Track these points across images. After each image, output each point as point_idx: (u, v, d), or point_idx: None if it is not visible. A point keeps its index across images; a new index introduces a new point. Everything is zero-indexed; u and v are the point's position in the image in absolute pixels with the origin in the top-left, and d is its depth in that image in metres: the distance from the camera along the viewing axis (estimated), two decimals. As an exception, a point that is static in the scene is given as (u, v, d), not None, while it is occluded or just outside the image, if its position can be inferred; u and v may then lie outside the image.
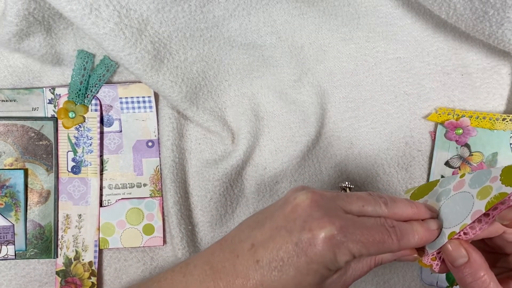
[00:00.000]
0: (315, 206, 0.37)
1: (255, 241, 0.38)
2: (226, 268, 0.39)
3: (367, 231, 0.37)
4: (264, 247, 0.37)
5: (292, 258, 0.36)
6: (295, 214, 0.38)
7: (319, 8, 0.55)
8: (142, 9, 0.48)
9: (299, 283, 0.37)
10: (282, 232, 0.37)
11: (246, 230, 0.40)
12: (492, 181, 0.38)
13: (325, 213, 0.37)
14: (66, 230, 0.55)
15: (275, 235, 0.37)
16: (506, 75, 0.57)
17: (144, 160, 0.56)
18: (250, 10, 0.54)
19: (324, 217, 0.36)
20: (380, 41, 0.57)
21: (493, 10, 0.47)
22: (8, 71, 0.55)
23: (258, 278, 0.37)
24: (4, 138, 0.55)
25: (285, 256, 0.36)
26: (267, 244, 0.37)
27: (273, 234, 0.38)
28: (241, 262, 0.38)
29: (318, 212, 0.37)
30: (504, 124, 0.54)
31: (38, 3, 0.49)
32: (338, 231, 0.36)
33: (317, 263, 0.36)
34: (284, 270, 0.36)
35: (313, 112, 0.57)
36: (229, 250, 0.40)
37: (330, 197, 0.39)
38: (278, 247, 0.37)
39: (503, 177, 0.37)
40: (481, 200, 0.38)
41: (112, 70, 0.55)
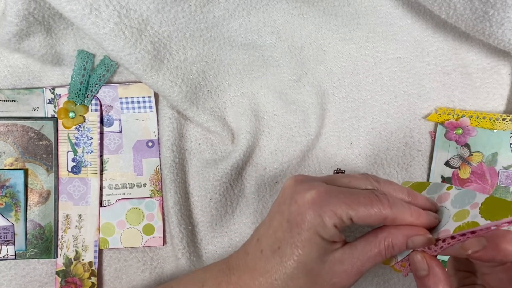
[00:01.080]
0: (299, 182, 0.39)
1: (259, 235, 0.40)
2: (239, 265, 0.41)
3: (352, 195, 0.37)
4: (265, 236, 0.39)
5: (287, 234, 0.37)
6: (284, 196, 0.40)
7: (319, 8, 0.55)
8: (142, 9, 0.48)
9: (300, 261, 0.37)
10: (277, 216, 0.39)
11: (255, 231, 0.42)
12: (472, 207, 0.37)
13: (307, 186, 0.38)
14: (66, 230, 0.56)
15: (272, 222, 0.40)
16: (506, 75, 0.57)
17: (144, 160, 0.56)
18: (250, 10, 0.54)
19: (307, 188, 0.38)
20: (380, 41, 0.57)
21: (493, 10, 0.47)
22: (8, 71, 0.55)
23: (263, 266, 0.38)
24: (4, 138, 0.55)
25: (281, 235, 0.38)
26: (267, 233, 0.39)
27: (271, 222, 0.40)
28: (250, 258, 0.40)
29: (302, 185, 0.39)
30: (504, 124, 0.54)
31: (38, 3, 0.49)
32: (320, 195, 0.37)
33: (307, 230, 0.36)
34: (283, 250, 0.37)
35: (313, 112, 0.57)
36: (242, 250, 0.42)
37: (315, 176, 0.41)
38: (274, 230, 0.39)
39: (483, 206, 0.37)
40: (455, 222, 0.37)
41: (112, 70, 0.55)
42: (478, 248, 0.35)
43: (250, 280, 0.39)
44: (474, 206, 0.37)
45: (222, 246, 0.58)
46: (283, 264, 0.37)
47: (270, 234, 0.39)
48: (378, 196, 0.37)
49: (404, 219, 0.37)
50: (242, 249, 0.42)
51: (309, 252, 0.37)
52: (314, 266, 0.37)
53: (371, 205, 0.36)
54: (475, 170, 0.56)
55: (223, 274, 0.42)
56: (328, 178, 0.41)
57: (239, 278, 0.40)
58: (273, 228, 0.39)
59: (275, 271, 0.38)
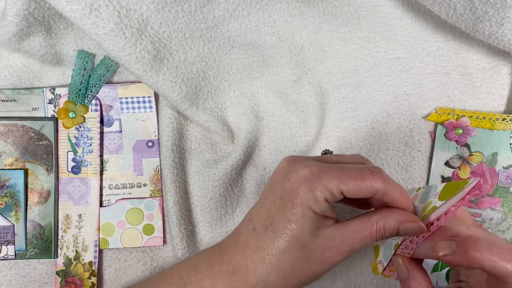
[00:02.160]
0: (292, 162, 0.40)
1: (251, 215, 0.41)
2: (231, 246, 0.41)
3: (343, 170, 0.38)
4: (258, 215, 0.40)
5: (280, 210, 0.38)
6: (276, 176, 0.40)
7: (319, 8, 0.55)
8: (142, 9, 0.48)
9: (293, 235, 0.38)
10: (269, 195, 0.40)
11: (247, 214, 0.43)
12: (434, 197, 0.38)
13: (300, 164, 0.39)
14: (66, 230, 0.56)
15: (264, 201, 0.40)
16: (506, 75, 0.57)
17: (144, 160, 0.56)
18: (250, 10, 0.54)
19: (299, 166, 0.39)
20: (380, 41, 0.57)
21: (493, 10, 0.47)
22: (8, 71, 0.55)
23: (255, 243, 0.39)
24: (4, 138, 0.55)
25: (274, 212, 0.39)
26: (259, 212, 0.40)
27: (263, 201, 0.41)
28: (242, 237, 0.41)
29: (295, 164, 0.39)
30: (504, 124, 0.54)
31: (38, 3, 0.49)
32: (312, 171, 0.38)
33: (300, 205, 0.37)
34: (275, 225, 0.38)
35: (313, 112, 0.57)
36: (234, 233, 0.43)
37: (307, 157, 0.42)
38: (267, 208, 0.39)
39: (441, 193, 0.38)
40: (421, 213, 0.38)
41: (112, 70, 0.55)
42: (448, 251, 0.35)
43: (243, 258, 0.39)
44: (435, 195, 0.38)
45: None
46: (276, 239, 0.38)
47: (263, 212, 0.40)
48: (371, 170, 0.38)
49: (394, 196, 0.38)
50: (234, 232, 0.43)
51: (301, 227, 0.38)
52: (306, 241, 0.38)
53: (362, 179, 0.37)
54: (475, 170, 0.56)
55: (215, 256, 0.42)
56: (320, 158, 0.42)
57: (231, 257, 0.40)
58: (266, 206, 0.40)
59: (267, 246, 0.38)
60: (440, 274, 0.56)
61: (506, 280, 0.34)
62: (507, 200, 0.55)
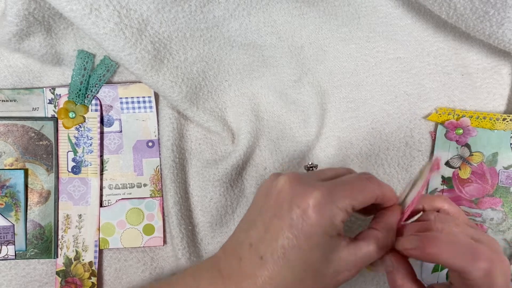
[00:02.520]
0: (295, 184, 0.38)
1: (252, 240, 0.39)
2: (233, 271, 0.39)
3: (349, 185, 0.38)
4: (263, 242, 0.38)
5: (292, 241, 0.37)
6: (280, 199, 0.38)
7: (320, 8, 0.55)
8: (142, 9, 0.48)
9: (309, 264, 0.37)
10: (274, 221, 0.38)
11: (241, 233, 0.41)
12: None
13: (306, 186, 0.38)
14: (66, 230, 0.55)
15: (269, 227, 0.38)
16: (507, 75, 0.57)
17: (144, 160, 0.56)
18: (251, 10, 0.54)
19: (306, 190, 0.37)
20: (380, 41, 0.57)
21: (493, 10, 0.47)
22: (8, 71, 0.55)
23: (266, 274, 0.37)
24: (4, 138, 0.55)
25: (285, 242, 0.37)
26: (264, 239, 0.38)
27: (267, 227, 0.38)
28: (245, 263, 0.38)
29: (299, 187, 0.38)
30: (504, 124, 0.54)
31: (38, 3, 0.49)
32: (324, 196, 0.37)
33: (316, 234, 0.36)
34: (289, 256, 0.37)
35: (313, 112, 0.57)
36: (232, 255, 0.40)
37: (306, 175, 0.41)
38: (275, 237, 0.37)
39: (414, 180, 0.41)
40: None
41: (113, 70, 0.55)
42: (409, 246, 0.37)
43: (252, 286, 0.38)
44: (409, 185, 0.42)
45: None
46: (291, 269, 0.37)
47: (269, 240, 0.38)
48: (367, 178, 0.39)
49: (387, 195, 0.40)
50: (232, 253, 0.41)
51: (317, 254, 0.37)
52: (321, 267, 0.37)
53: (365, 189, 0.39)
54: (476, 170, 0.56)
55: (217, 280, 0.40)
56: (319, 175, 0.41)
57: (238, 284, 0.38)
58: (272, 233, 0.37)
59: (281, 277, 0.37)
60: (440, 274, 0.56)
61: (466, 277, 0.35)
62: (508, 200, 0.55)
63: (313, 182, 0.39)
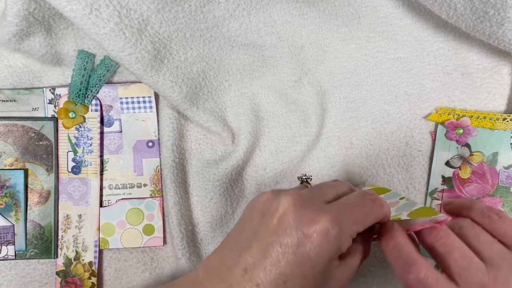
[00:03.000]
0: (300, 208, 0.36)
1: (247, 265, 0.36)
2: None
3: (356, 209, 0.37)
4: (260, 268, 0.35)
5: (296, 269, 0.35)
6: (284, 224, 0.36)
7: (320, 8, 0.55)
8: (142, 9, 0.48)
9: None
10: (276, 248, 0.35)
11: (231, 255, 0.37)
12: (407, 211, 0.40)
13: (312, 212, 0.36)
14: (66, 230, 0.55)
15: (269, 253, 0.35)
16: (507, 75, 0.57)
17: (144, 160, 0.56)
18: (251, 10, 0.54)
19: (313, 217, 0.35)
20: (380, 41, 0.57)
21: (493, 10, 0.47)
22: (9, 71, 0.55)
23: None
24: (4, 138, 0.55)
25: (287, 270, 0.35)
26: (262, 265, 0.35)
27: (267, 252, 0.35)
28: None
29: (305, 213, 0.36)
30: (504, 124, 0.54)
31: (38, 3, 0.49)
32: (332, 223, 0.35)
33: (323, 262, 0.35)
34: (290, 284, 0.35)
35: (313, 112, 0.57)
36: (220, 280, 0.37)
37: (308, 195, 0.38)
38: (276, 263, 0.35)
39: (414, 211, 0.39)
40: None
41: (113, 70, 0.55)
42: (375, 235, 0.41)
43: None
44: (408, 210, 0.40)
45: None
46: None
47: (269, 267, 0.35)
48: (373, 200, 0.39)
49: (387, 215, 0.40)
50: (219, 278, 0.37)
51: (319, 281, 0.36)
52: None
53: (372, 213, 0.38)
54: (476, 170, 0.56)
55: None
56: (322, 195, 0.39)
57: None
58: (273, 260, 0.35)
59: None
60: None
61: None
62: (508, 200, 0.55)
63: (319, 206, 0.37)
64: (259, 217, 0.38)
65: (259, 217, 0.37)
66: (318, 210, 0.36)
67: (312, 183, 0.46)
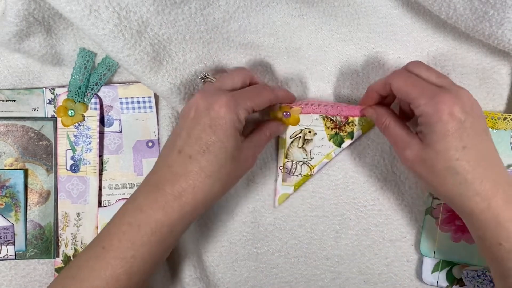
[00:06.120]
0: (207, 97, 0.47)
1: (179, 147, 0.46)
2: (166, 178, 0.46)
3: (249, 92, 0.49)
4: (189, 144, 0.46)
5: (212, 136, 0.45)
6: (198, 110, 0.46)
7: (319, 9, 0.55)
8: (142, 11, 0.48)
9: (227, 152, 0.46)
10: (196, 127, 0.46)
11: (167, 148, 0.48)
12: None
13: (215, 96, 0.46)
14: (65, 228, 0.56)
15: (192, 132, 0.46)
16: (506, 75, 0.57)
17: (144, 160, 0.56)
18: (250, 12, 0.54)
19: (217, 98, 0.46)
20: (380, 41, 0.56)
21: (493, 10, 0.47)
22: (8, 71, 0.55)
23: (196, 167, 0.45)
24: (4, 138, 0.55)
25: (207, 139, 0.45)
26: (190, 142, 0.46)
27: (189, 133, 0.46)
28: (177, 167, 0.46)
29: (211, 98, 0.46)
30: (505, 123, 0.54)
31: (38, 4, 0.49)
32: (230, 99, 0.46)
33: (229, 128, 0.46)
34: (212, 148, 0.45)
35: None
36: (162, 168, 0.47)
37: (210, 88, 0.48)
38: (198, 137, 0.46)
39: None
40: None
41: (114, 69, 0.55)
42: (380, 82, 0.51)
43: (186, 182, 0.45)
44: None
45: (222, 245, 0.58)
46: (215, 158, 0.45)
47: (193, 142, 0.46)
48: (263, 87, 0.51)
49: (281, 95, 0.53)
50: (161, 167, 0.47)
51: (232, 144, 0.46)
52: (235, 153, 0.47)
53: (261, 94, 0.49)
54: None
55: (153, 192, 0.46)
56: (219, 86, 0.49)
57: (173, 186, 0.45)
58: (195, 136, 0.46)
59: (209, 166, 0.45)
60: (440, 274, 0.56)
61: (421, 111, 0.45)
62: (507, 200, 0.55)
63: (220, 92, 0.47)
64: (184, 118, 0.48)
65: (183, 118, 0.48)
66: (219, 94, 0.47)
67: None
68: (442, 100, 0.43)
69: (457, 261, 0.56)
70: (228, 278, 0.58)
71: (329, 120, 0.56)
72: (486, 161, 0.44)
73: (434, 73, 0.47)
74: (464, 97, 0.44)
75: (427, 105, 0.44)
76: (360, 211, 0.58)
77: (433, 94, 0.44)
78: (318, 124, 0.56)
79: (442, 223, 0.55)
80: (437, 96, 0.44)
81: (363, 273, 0.58)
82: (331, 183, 0.58)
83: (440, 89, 0.44)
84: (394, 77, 0.48)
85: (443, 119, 0.43)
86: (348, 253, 0.58)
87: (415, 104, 0.45)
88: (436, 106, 0.43)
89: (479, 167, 0.43)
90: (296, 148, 0.56)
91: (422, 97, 0.44)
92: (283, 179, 0.57)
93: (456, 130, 0.43)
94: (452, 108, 0.43)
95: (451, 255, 0.55)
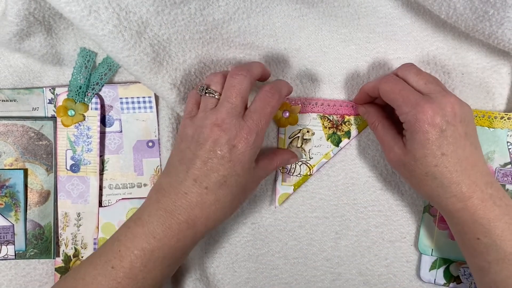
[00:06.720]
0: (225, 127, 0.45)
1: (194, 176, 0.46)
2: (181, 205, 0.46)
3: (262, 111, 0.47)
4: (205, 174, 0.46)
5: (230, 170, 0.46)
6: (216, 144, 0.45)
7: (319, 9, 0.55)
8: (142, 12, 0.48)
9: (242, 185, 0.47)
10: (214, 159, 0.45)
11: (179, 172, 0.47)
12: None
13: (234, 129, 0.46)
14: (65, 228, 0.56)
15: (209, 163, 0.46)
16: (506, 74, 0.57)
17: (145, 160, 0.56)
18: (250, 13, 0.54)
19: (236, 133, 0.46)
20: (380, 42, 0.56)
21: (493, 10, 0.47)
22: (9, 71, 0.55)
23: (212, 198, 0.46)
24: (4, 138, 0.55)
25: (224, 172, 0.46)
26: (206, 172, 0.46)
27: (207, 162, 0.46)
28: (192, 196, 0.46)
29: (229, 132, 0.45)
30: (502, 122, 0.55)
31: (38, 3, 0.49)
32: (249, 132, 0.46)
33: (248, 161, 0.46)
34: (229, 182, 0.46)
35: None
36: (174, 192, 0.47)
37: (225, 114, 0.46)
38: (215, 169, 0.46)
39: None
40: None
41: (115, 69, 0.55)
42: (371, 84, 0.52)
43: (201, 212, 0.46)
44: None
45: (222, 246, 0.58)
46: (231, 190, 0.47)
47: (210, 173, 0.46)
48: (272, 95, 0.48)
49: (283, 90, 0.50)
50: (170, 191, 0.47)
51: (247, 178, 0.47)
52: (247, 185, 0.49)
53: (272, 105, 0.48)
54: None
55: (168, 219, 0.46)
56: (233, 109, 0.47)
57: (188, 215, 0.46)
58: (212, 168, 0.45)
59: (224, 198, 0.46)
60: (438, 271, 0.56)
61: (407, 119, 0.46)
62: (506, 200, 0.55)
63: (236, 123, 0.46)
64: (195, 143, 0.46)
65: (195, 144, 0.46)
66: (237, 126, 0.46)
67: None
68: (423, 110, 0.45)
69: (454, 259, 0.56)
70: (228, 279, 0.58)
71: (326, 119, 0.56)
72: (465, 165, 0.45)
73: (423, 79, 0.48)
74: (447, 105, 0.45)
75: (409, 114, 0.45)
76: (360, 212, 0.58)
77: (415, 103, 0.45)
78: (316, 124, 0.56)
79: (440, 221, 0.56)
80: (419, 106, 0.45)
81: (363, 274, 0.58)
82: (331, 184, 0.58)
83: (423, 98, 0.46)
84: (382, 83, 0.49)
85: (423, 129, 0.45)
86: (348, 254, 0.58)
87: (399, 111, 0.47)
88: (417, 116, 0.45)
89: (456, 172, 0.45)
90: (295, 148, 0.57)
91: (405, 106, 0.46)
92: (283, 179, 0.57)
93: (436, 139, 0.45)
94: (433, 119, 0.44)
95: (448, 253, 0.56)
